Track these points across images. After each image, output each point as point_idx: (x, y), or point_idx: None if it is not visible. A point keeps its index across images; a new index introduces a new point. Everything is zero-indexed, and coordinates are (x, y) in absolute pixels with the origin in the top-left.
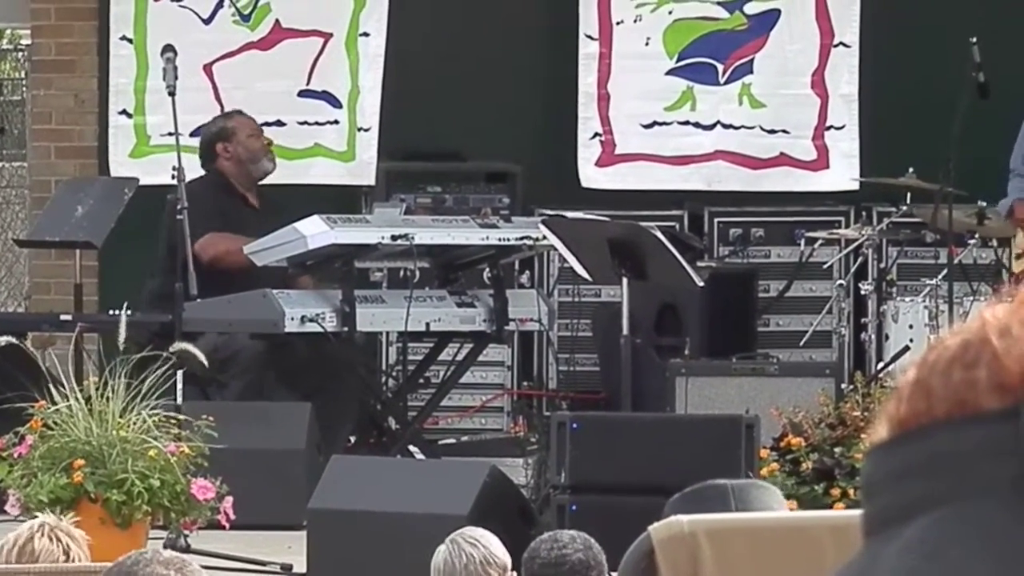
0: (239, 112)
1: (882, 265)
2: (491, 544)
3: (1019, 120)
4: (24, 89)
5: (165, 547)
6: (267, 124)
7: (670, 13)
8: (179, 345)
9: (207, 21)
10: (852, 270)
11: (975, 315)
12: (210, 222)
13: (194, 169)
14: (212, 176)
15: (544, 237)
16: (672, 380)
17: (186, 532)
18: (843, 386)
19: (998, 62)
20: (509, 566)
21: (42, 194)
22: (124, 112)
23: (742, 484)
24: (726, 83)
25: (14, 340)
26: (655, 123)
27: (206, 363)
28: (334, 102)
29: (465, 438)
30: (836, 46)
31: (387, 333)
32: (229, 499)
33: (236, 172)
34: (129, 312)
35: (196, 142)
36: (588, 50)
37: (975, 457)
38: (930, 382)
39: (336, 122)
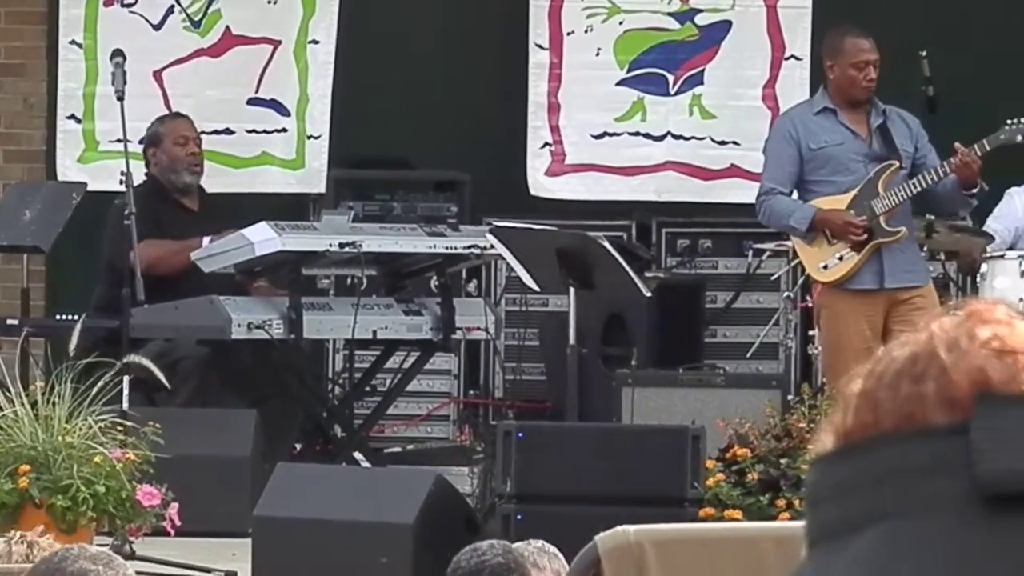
0: (176, 115)
1: None
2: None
3: (967, 133)
4: None
5: None
6: (216, 132)
7: (621, 23)
8: (134, 358)
9: (157, 27)
10: (799, 282)
11: (923, 327)
12: (142, 230)
13: (142, 175)
14: (148, 182)
15: (492, 246)
16: (618, 390)
17: (131, 538)
18: (789, 398)
19: (947, 76)
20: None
21: None
22: (73, 117)
23: None
24: (676, 94)
25: None
26: (605, 133)
27: (164, 380)
28: (282, 110)
29: (411, 446)
30: (787, 59)
31: (334, 340)
32: (175, 506)
33: (162, 178)
34: (77, 317)
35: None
36: (538, 59)
37: (923, 472)
38: (877, 395)
39: (284, 130)
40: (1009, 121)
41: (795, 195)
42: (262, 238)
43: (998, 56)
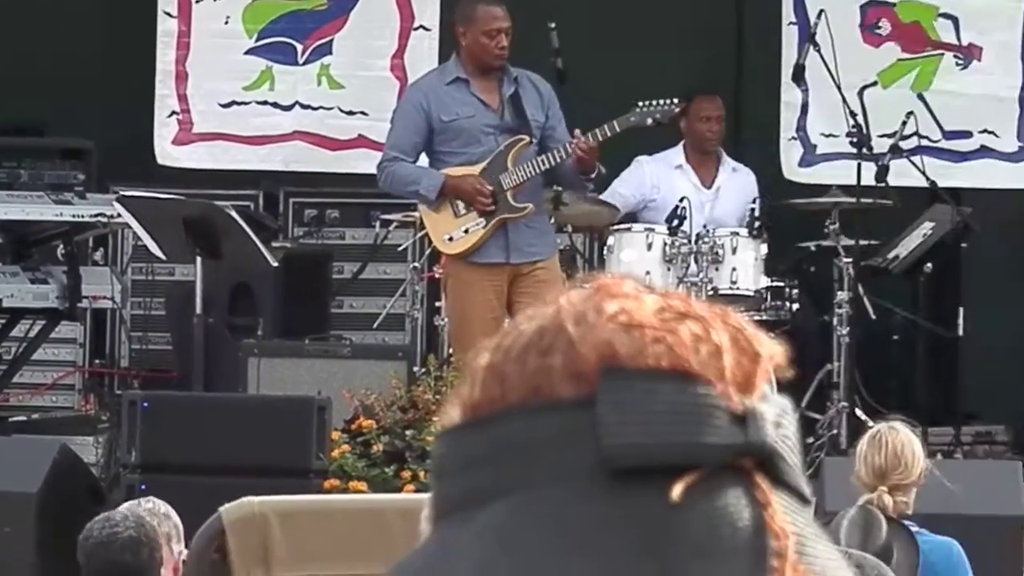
0: None
1: None
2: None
3: (596, 106)
4: None
5: None
6: None
7: None
8: None
9: None
10: (427, 253)
11: (551, 300)
12: None
13: None
14: None
15: (119, 214)
16: (245, 360)
17: None
18: (415, 369)
19: (577, 48)
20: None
21: None
22: None
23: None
24: (305, 64)
25: None
26: (233, 102)
27: None
28: None
29: (35, 415)
30: (416, 29)
31: None
32: None
33: None
34: None
35: None
36: (166, 27)
37: (550, 445)
38: (504, 368)
39: None
40: (640, 103)
41: (425, 163)
42: None
43: (625, 30)
